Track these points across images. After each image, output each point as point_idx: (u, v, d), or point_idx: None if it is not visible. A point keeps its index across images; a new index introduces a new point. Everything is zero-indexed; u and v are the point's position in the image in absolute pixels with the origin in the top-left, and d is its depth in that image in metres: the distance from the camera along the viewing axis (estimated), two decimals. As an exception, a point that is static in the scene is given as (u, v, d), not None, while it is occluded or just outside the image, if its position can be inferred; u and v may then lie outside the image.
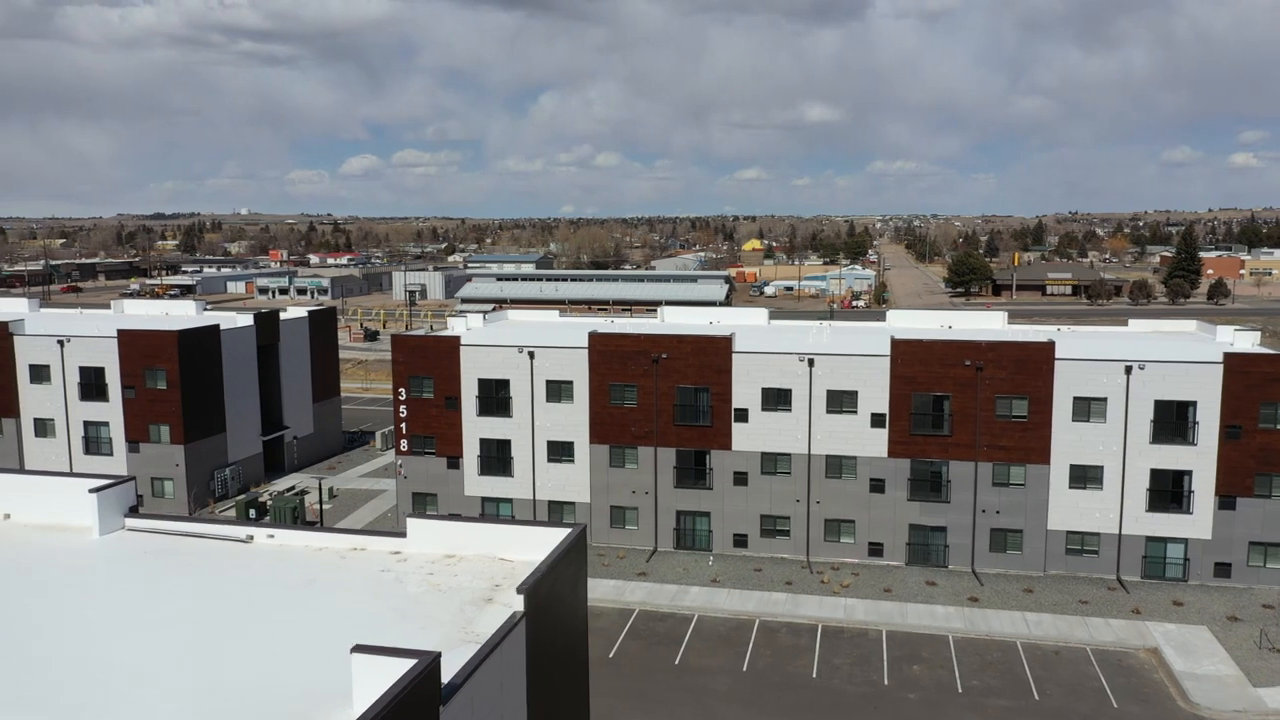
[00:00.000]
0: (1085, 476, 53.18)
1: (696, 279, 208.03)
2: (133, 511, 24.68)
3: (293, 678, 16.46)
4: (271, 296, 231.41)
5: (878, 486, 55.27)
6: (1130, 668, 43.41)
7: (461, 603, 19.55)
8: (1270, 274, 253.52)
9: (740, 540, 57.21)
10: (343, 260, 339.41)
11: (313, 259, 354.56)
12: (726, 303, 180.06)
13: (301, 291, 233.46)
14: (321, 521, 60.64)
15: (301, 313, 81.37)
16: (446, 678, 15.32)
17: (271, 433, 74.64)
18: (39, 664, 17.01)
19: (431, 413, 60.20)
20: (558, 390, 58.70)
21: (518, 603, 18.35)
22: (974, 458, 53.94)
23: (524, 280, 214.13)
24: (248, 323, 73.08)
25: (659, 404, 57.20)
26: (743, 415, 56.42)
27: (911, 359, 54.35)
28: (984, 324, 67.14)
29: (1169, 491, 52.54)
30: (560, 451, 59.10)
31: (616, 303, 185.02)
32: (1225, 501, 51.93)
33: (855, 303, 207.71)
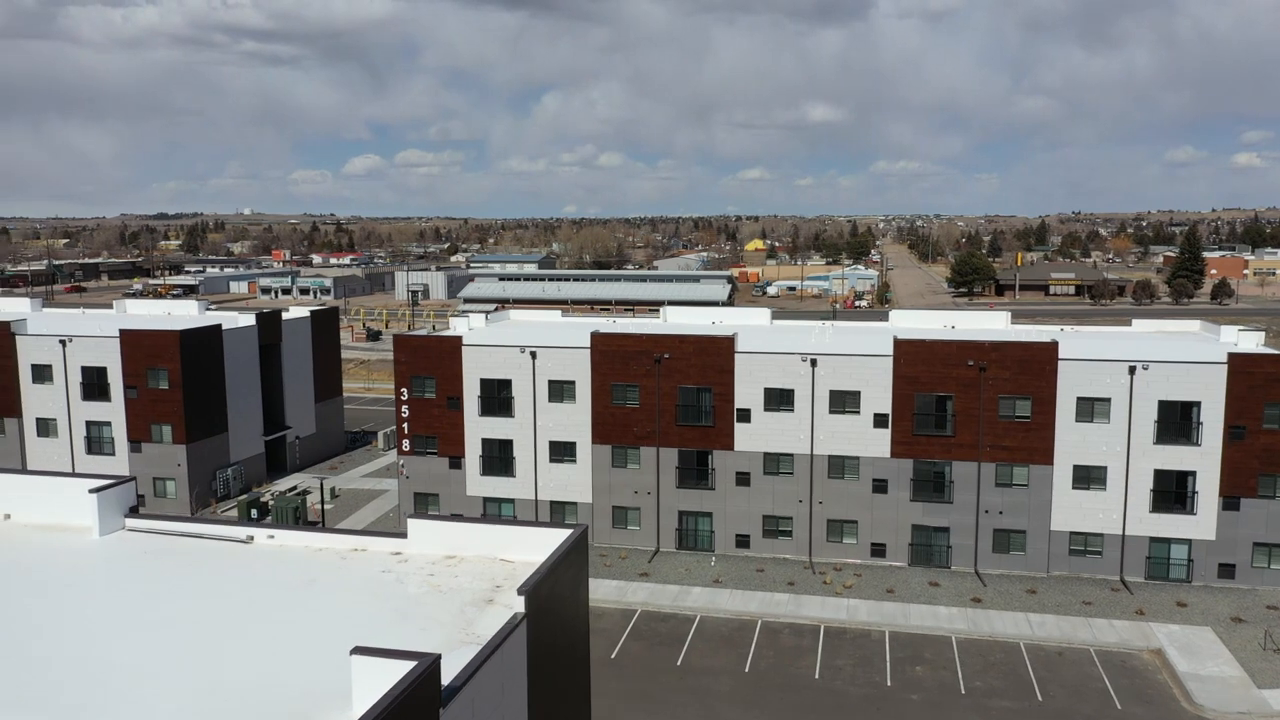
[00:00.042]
0: (1089, 477, 53.04)
1: (699, 279, 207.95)
2: (133, 512, 24.64)
3: (292, 679, 16.40)
4: (274, 296, 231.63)
5: (880, 487, 55.14)
6: (1134, 669, 43.27)
7: (462, 604, 19.48)
8: (1274, 274, 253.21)
9: (743, 541, 57.12)
10: (345, 260, 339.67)
11: (316, 259, 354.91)
12: (729, 303, 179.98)
13: (304, 291, 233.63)
14: (323, 522, 60.59)
15: (304, 312, 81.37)
16: (447, 680, 15.26)
17: (274, 432, 74.62)
18: (39, 664, 16.97)
19: (433, 413, 60.15)
20: (560, 390, 58.63)
21: (518, 604, 18.29)
22: (977, 458, 53.81)
23: (526, 280, 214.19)
24: (250, 322, 73.06)
25: (661, 404, 57.12)
26: (745, 415, 56.33)
27: (914, 359, 54.23)
28: (987, 324, 66.98)
29: (1173, 492, 52.39)
30: (562, 452, 59.03)
31: (619, 303, 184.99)
32: (1229, 502, 51.78)
33: (858, 303, 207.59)
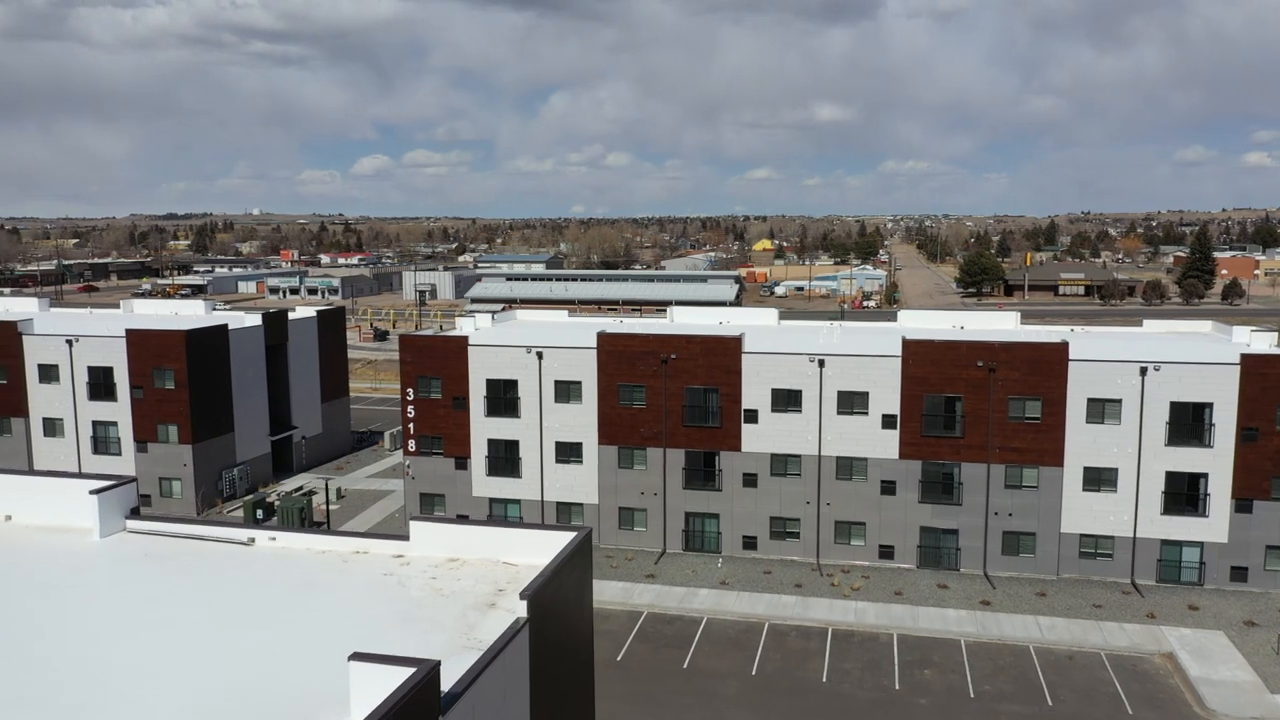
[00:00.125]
0: (1099, 479, 52.57)
1: (706, 279, 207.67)
2: (134, 513, 24.44)
3: (291, 683, 16.16)
4: (282, 296, 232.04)
5: (889, 488, 54.76)
6: (1145, 673, 42.83)
7: (464, 608, 19.21)
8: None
9: (750, 542, 56.78)
10: (353, 260, 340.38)
11: (323, 259, 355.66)
12: (736, 303, 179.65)
13: (312, 291, 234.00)
14: (328, 522, 60.46)
15: (310, 312, 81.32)
16: (447, 686, 15.00)
17: (280, 433, 74.54)
18: (38, 665, 16.79)
19: (439, 413, 59.95)
20: (566, 391, 58.38)
21: (521, 608, 18.01)
22: (986, 459, 53.38)
23: (534, 280, 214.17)
24: (256, 322, 72.98)
25: (668, 405, 56.82)
26: (752, 416, 55.99)
27: (923, 360, 53.83)
28: (996, 324, 66.64)
29: (1184, 494, 51.90)
30: (568, 452, 58.78)
31: (626, 303, 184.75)
32: (1242, 504, 51.25)
33: (866, 303, 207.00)
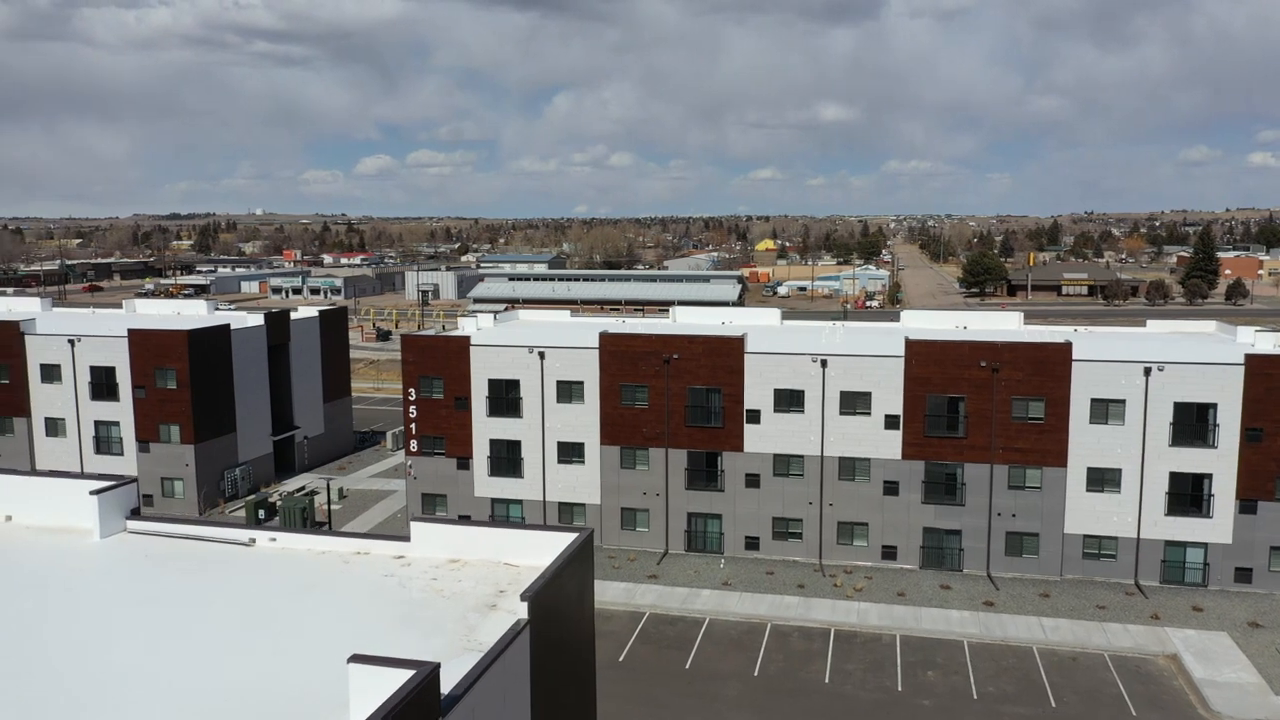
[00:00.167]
0: (1103, 479, 52.42)
1: (709, 279, 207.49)
2: (134, 514, 24.37)
3: (290, 686, 16.07)
4: (285, 296, 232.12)
5: (891, 489, 54.63)
6: (1149, 674, 42.68)
7: (465, 609, 19.12)
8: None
9: (752, 543, 56.66)
10: (356, 260, 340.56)
11: (326, 259, 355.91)
12: (739, 303, 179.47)
13: (315, 291, 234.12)
14: (330, 523, 60.41)
15: (312, 312, 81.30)
16: (447, 688, 14.90)
17: (282, 432, 74.51)
18: (36, 666, 16.71)
19: (441, 413, 59.88)
20: (568, 391, 58.29)
21: (522, 610, 17.90)
22: (989, 460, 53.24)
23: (536, 280, 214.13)
24: (258, 322, 72.96)
25: (670, 405, 56.71)
26: (755, 416, 55.88)
27: (926, 360, 53.69)
28: (999, 324, 66.46)
29: (1189, 495, 51.73)
30: (571, 452, 58.69)
31: (629, 303, 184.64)
32: (1246, 505, 51.10)
33: (869, 303, 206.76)
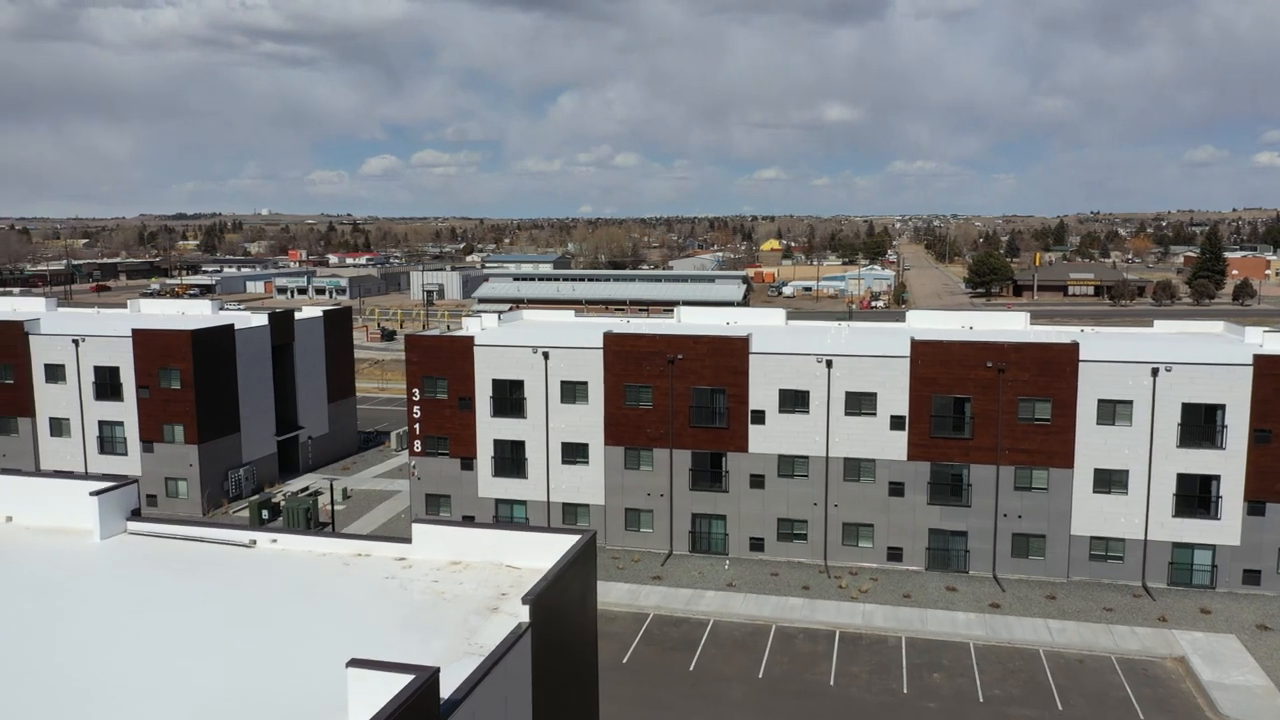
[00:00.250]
0: (1110, 481, 52.10)
1: (714, 279, 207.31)
2: (135, 515, 24.23)
3: (288, 690, 15.90)
4: (290, 296, 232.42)
5: (897, 490, 54.36)
6: (1157, 677, 42.38)
7: (466, 612, 18.94)
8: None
9: (757, 544, 56.44)
10: (361, 260, 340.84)
11: (332, 259, 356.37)
12: (744, 303, 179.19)
13: (320, 291, 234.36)
14: (333, 523, 60.30)
15: (316, 312, 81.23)
16: (447, 692, 14.72)
17: (286, 433, 74.42)
18: (34, 669, 16.57)
19: (445, 413, 59.74)
20: (572, 391, 58.10)
21: (523, 613, 17.71)
22: (995, 461, 52.96)
23: (541, 280, 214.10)
24: (262, 322, 72.89)
25: (675, 405, 56.50)
26: (759, 417, 55.66)
27: (932, 360, 53.43)
28: (1005, 325, 66.17)
29: (1196, 496, 51.40)
30: (575, 453, 58.50)
31: (633, 303, 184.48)
32: (1254, 507, 50.74)
33: (874, 303, 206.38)
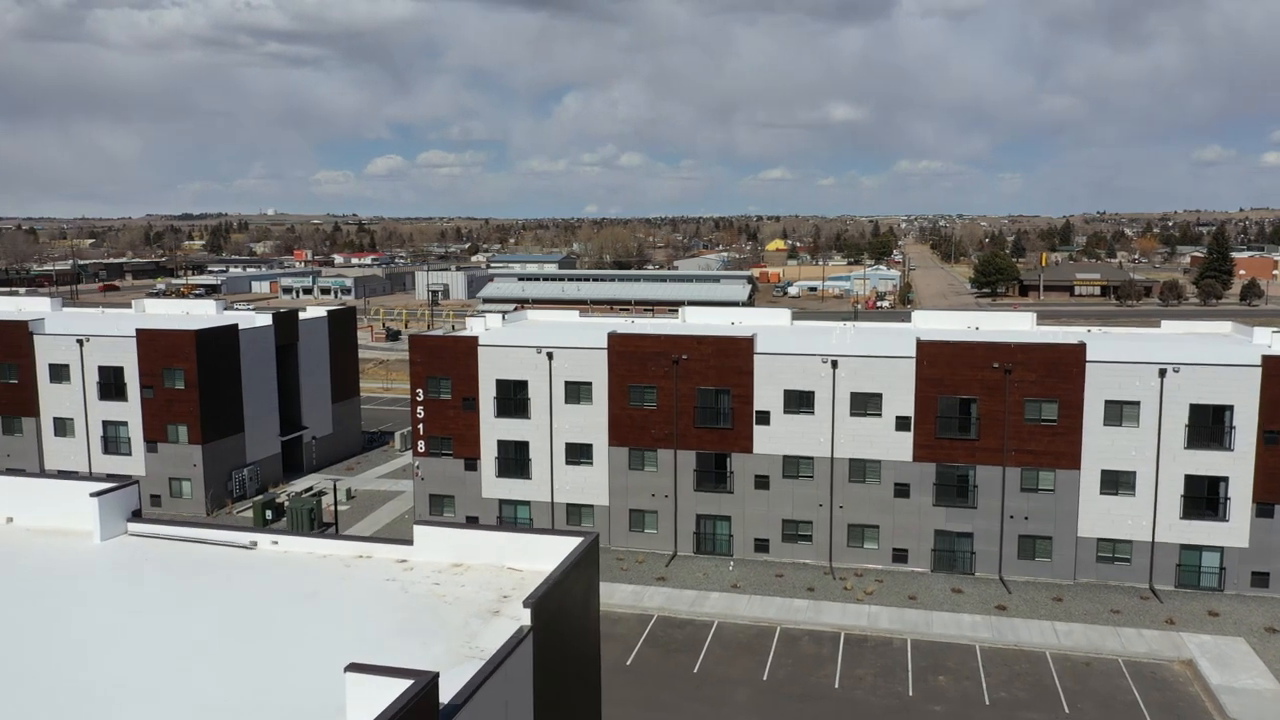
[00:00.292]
0: (1117, 482, 51.79)
1: (719, 279, 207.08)
2: (136, 516, 24.09)
3: (286, 694, 15.72)
4: (295, 296, 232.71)
5: (902, 491, 54.10)
6: (1164, 680, 42.07)
7: (467, 615, 18.75)
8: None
9: (761, 545, 56.22)
10: (366, 260, 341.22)
11: (337, 259, 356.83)
12: (749, 303, 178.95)
13: (325, 291, 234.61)
14: (337, 523, 60.21)
15: (321, 312, 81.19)
16: (446, 697, 14.51)
17: (290, 433, 74.36)
18: (30, 671, 16.42)
19: (449, 414, 59.61)
20: (576, 391, 57.93)
21: (525, 616, 17.51)
22: (1002, 462, 52.66)
23: (546, 280, 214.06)
24: (266, 322, 72.83)
25: (679, 406, 56.31)
26: (764, 418, 55.43)
27: (937, 361, 53.16)
28: (1012, 325, 65.83)
29: (1204, 498, 51.05)
30: (579, 454, 58.33)
31: (638, 303, 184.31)
32: (1263, 509, 50.38)
33: (880, 303, 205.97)
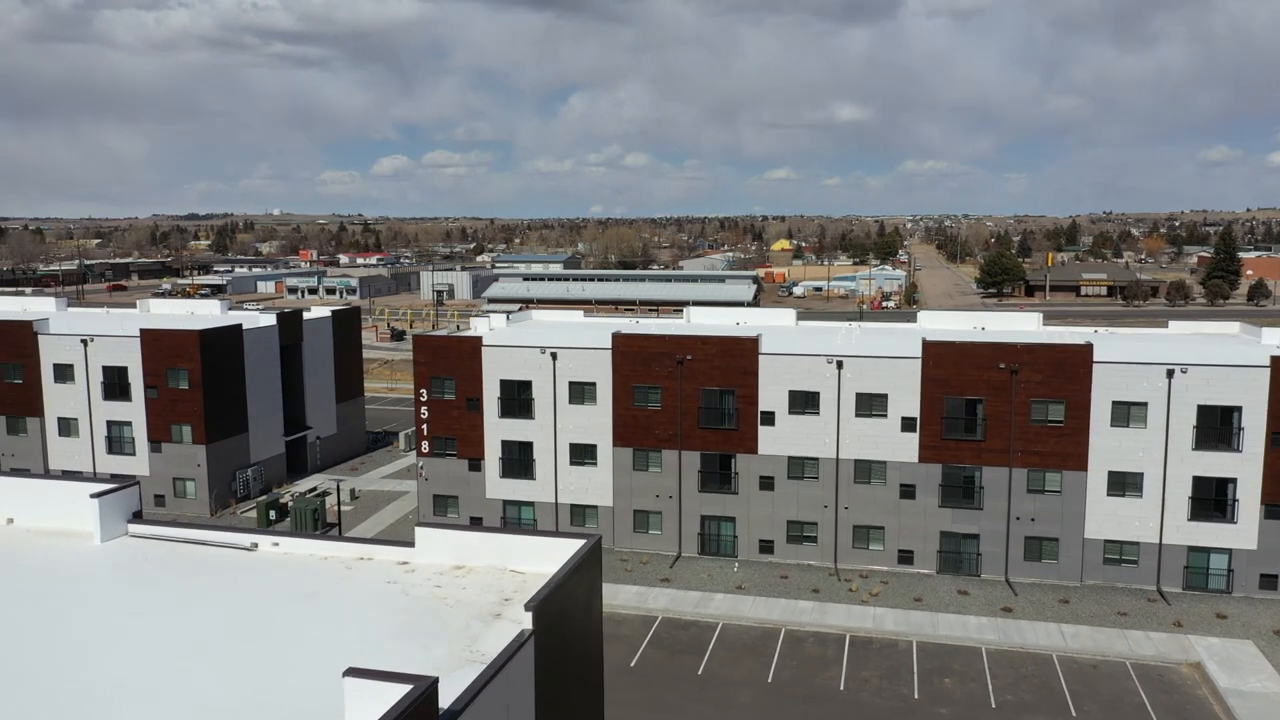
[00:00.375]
0: (1124, 483, 51.49)
1: (724, 279, 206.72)
2: (137, 517, 23.97)
3: (285, 698, 15.57)
4: (301, 296, 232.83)
5: (908, 492, 53.85)
6: (1172, 683, 41.78)
7: (468, 618, 18.59)
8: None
9: (766, 546, 56.00)
10: (372, 260, 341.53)
11: (342, 259, 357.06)
12: (754, 303, 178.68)
13: (330, 291, 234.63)
14: (340, 523, 60.09)
15: (325, 312, 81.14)
16: (446, 702, 14.35)
17: (294, 433, 74.30)
18: (31, 672, 16.33)
19: (453, 414, 59.47)
20: (580, 392, 57.76)
21: (526, 619, 17.35)
22: (1008, 463, 52.39)
23: (551, 280, 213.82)
24: (271, 322, 72.77)
25: (683, 406, 56.11)
26: (769, 418, 55.20)
27: (943, 361, 52.90)
28: (1018, 326, 65.55)
29: (1212, 500, 50.73)
30: (583, 454, 58.16)
31: (643, 303, 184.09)
32: (1272, 510, 50.03)
33: (885, 303, 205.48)
